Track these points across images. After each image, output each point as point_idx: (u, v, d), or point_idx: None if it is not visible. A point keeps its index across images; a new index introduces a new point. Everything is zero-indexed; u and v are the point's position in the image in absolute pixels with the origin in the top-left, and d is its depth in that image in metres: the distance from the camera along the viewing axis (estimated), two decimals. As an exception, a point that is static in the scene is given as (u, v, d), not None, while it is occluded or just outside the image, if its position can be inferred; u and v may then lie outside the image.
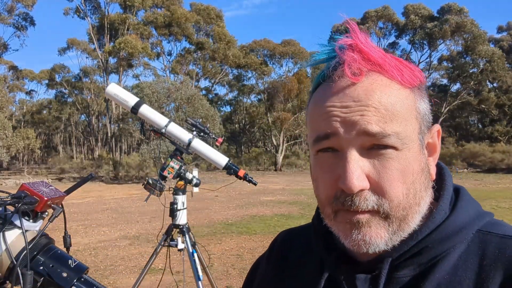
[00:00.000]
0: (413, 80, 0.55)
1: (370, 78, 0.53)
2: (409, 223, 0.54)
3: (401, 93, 0.53)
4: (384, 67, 0.54)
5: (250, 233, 7.67)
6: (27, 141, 25.05)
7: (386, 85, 0.53)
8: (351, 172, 0.51)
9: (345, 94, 0.53)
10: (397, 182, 0.52)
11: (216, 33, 33.14)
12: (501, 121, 34.86)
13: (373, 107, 0.51)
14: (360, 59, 0.53)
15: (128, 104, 2.88)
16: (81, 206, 12.02)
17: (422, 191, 0.55)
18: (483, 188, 15.57)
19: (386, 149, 0.52)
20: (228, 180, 3.41)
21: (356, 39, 0.54)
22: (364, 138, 0.52)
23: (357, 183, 0.51)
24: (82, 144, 56.78)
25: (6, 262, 0.65)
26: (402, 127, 0.52)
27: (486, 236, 0.56)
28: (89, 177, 0.87)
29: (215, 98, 43.73)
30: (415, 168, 0.53)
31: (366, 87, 0.52)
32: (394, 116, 0.52)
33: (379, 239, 0.53)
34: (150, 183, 2.84)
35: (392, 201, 0.52)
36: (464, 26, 30.79)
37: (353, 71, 0.53)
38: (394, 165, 0.52)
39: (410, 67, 0.56)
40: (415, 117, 0.54)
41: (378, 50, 0.55)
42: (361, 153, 0.52)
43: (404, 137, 0.52)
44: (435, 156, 0.59)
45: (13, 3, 32.28)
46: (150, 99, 20.39)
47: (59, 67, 44.07)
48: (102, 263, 5.74)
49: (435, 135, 0.59)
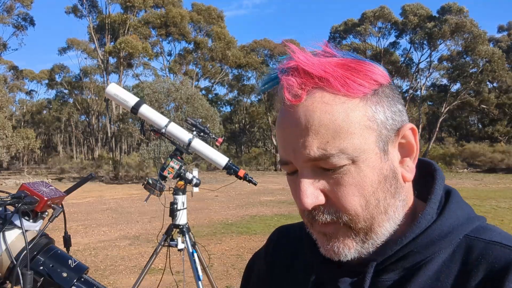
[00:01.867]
0: (364, 87, 0.53)
1: (312, 96, 0.52)
2: (377, 232, 0.55)
3: (346, 106, 0.52)
4: (329, 80, 0.52)
5: (250, 233, 7.67)
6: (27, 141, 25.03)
7: (327, 102, 0.52)
8: (302, 192, 0.53)
9: (289, 119, 0.54)
10: (351, 196, 0.53)
11: (215, 33, 33.15)
12: (501, 121, 34.86)
13: (312, 130, 0.51)
14: (300, 78, 0.53)
15: (128, 104, 2.88)
16: (81, 206, 12.02)
17: (388, 198, 0.54)
18: (483, 188, 15.57)
19: (338, 168, 0.52)
20: (228, 180, 3.41)
21: (296, 58, 0.53)
22: (310, 163, 0.53)
23: (308, 201, 0.53)
24: (82, 144, 56.78)
25: (6, 262, 0.65)
26: (348, 141, 0.51)
27: (473, 242, 0.55)
28: (89, 177, 0.87)
29: (215, 98, 43.74)
30: (374, 178, 0.53)
31: (306, 107, 0.52)
32: (336, 133, 0.51)
33: (347, 249, 0.55)
34: (150, 183, 2.84)
35: (350, 214, 0.53)
36: (463, 26, 30.79)
37: (292, 94, 0.52)
38: (347, 180, 0.52)
39: (364, 73, 0.53)
40: (367, 127, 0.52)
41: (322, 63, 0.53)
42: (315, 173, 0.54)
43: (352, 150, 0.51)
44: (414, 155, 0.57)
45: (12, 3, 32.29)
46: (150, 99, 20.40)
47: (58, 67, 44.07)
48: (102, 263, 5.74)
49: (408, 134, 0.56)
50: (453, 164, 27.19)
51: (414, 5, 34.14)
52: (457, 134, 41.63)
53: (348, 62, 0.54)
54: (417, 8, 33.90)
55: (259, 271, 0.76)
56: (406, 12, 34.20)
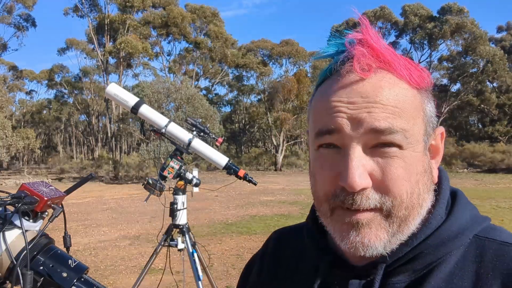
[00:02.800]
0: (421, 81, 0.54)
1: (378, 74, 0.52)
2: (409, 225, 0.53)
3: (409, 92, 0.53)
4: (393, 65, 0.53)
5: (250, 233, 7.66)
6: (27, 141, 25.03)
7: (394, 83, 0.52)
8: (353, 170, 0.49)
9: (353, 90, 0.51)
10: (401, 180, 0.51)
11: (212, 32, 33.13)
12: (501, 121, 34.84)
13: (381, 104, 0.50)
14: (369, 55, 0.52)
15: (128, 104, 2.88)
16: (81, 206, 12.01)
17: (425, 192, 0.54)
18: (483, 188, 15.56)
19: (391, 148, 0.50)
20: (228, 180, 3.41)
21: (367, 35, 0.53)
22: (371, 135, 0.50)
23: (359, 181, 0.49)
24: (82, 144, 56.78)
25: (6, 262, 0.65)
26: (410, 125, 0.51)
27: (484, 242, 0.54)
28: (89, 177, 0.87)
29: (215, 98, 43.73)
30: (419, 168, 0.52)
31: (374, 83, 0.51)
32: (402, 113, 0.51)
33: (378, 241, 0.51)
34: (150, 183, 2.84)
35: (396, 199, 0.51)
36: (464, 26, 30.77)
37: (362, 67, 0.51)
38: (398, 163, 0.51)
39: (419, 69, 0.55)
40: (422, 118, 0.53)
41: (388, 48, 0.53)
42: (364, 151, 0.51)
43: (410, 135, 0.51)
44: (438, 159, 0.58)
45: (13, 3, 32.28)
46: (150, 99, 20.40)
47: (57, 67, 44.03)
48: (102, 263, 5.74)
49: (439, 137, 0.58)
50: (453, 164, 27.17)
51: (415, 5, 34.13)
52: (457, 134, 41.60)
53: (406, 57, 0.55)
54: (417, 8, 33.89)
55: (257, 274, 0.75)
56: (407, 12, 34.19)
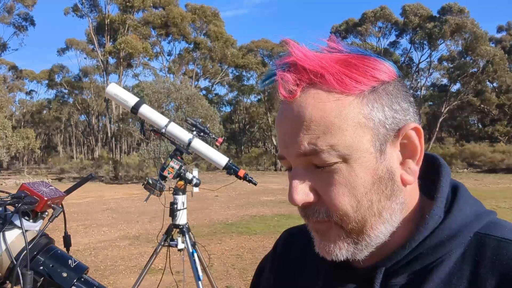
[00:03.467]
0: (361, 84, 0.51)
1: (306, 93, 0.52)
2: (369, 234, 0.53)
3: (339, 103, 0.50)
4: (323, 76, 0.51)
5: (250, 233, 7.67)
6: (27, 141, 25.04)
7: (320, 98, 0.51)
8: (292, 188, 0.53)
9: (284, 115, 0.54)
10: (341, 195, 0.51)
11: (212, 32, 33.11)
12: (501, 121, 34.84)
13: (304, 126, 0.51)
14: (296, 74, 0.52)
15: (128, 104, 2.88)
16: (81, 206, 12.02)
17: (383, 200, 0.52)
18: (483, 188, 15.57)
19: (326, 166, 0.51)
20: (228, 180, 3.41)
21: (293, 53, 0.52)
22: (302, 158, 0.52)
23: (298, 198, 0.53)
24: (82, 144, 56.77)
25: (6, 262, 0.65)
26: (339, 138, 0.50)
27: (484, 239, 0.53)
28: (89, 177, 0.87)
29: (215, 98, 43.72)
30: (367, 179, 0.51)
31: (299, 104, 0.52)
32: (327, 129, 0.50)
33: (338, 249, 0.54)
34: (150, 183, 2.84)
35: (340, 214, 0.52)
36: (464, 26, 30.77)
37: (287, 90, 0.52)
38: (337, 179, 0.51)
39: (363, 69, 0.52)
40: (361, 125, 0.51)
41: (320, 59, 0.52)
42: (308, 169, 0.53)
43: (343, 148, 0.50)
44: (417, 157, 0.54)
45: (13, 3, 32.29)
46: (150, 99, 20.40)
47: (57, 67, 44.03)
48: (102, 263, 5.74)
49: (411, 134, 0.53)
50: (453, 164, 27.17)
51: (415, 5, 34.14)
52: (457, 134, 41.62)
53: (350, 58, 0.53)
54: (417, 8, 33.90)
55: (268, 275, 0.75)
56: (407, 12, 34.19)
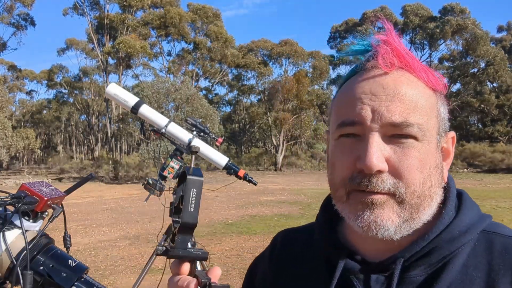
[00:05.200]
0: (437, 84, 0.59)
1: (400, 72, 0.57)
2: (420, 215, 0.56)
3: (426, 91, 0.58)
4: (413, 66, 0.58)
5: (250, 233, 7.67)
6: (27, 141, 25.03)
7: (413, 81, 0.57)
8: (371, 152, 0.54)
9: (376, 81, 0.57)
10: (415, 170, 0.55)
11: (212, 32, 33.09)
12: (501, 121, 34.82)
13: (398, 98, 0.55)
14: (392, 54, 0.57)
15: (128, 104, 2.87)
16: (81, 206, 12.01)
17: (436, 186, 0.57)
18: (483, 188, 15.56)
19: (407, 139, 0.55)
20: (228, 180, 3.40)
21: (390, 37, 0.58)
22: (389, 127, 0.55)
23: (376, 163, 0.53)
24: (82, 144, 56.76)
25: (6, 262, 0.65)
26: (424, 120, 0.56)
27: (491, 236, 0.59)
28: (89, 177, 0.87)
29: (215, 98, 43.71)
30: (432, 162, 0.56)
31: (395, 78, 0.57)
32: (418, 108, 0.55)
33: (390, 222, 0.55)
34: (150, 183, 2.84)
35: (409, 187, 0.55)
36: (465, 26, 30.76)
37: (385, 63, 0.57)
38: (414, 153, 0.55)
39: (435, 74, 0.60)
40: (436, 117, 0.58)
41: (408, 51, 0.59)
42: (383, 139, 0.55)
43: (425, 129, 0.55)
44: (448, 162, 0.62)
45: (13, 3, 32.28)
46: (150, 99, 20.39)
47: (57, 67, 44.01)
48: (102, 263, 5.74)
49: (450, 141, 0.62)
50: (453, 164, 27.17)
51: (415, 5, 34.14)
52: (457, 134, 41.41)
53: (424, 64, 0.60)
54: (418, 9, 33.89)
55: (264, 275, 0.74)
56: (407, 12, 34.19)
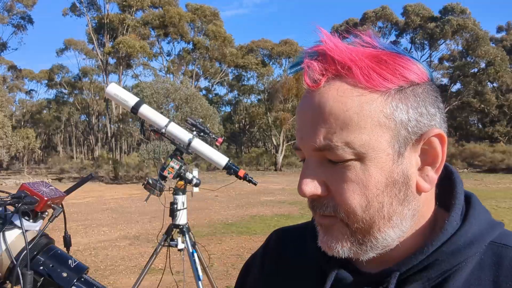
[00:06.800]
0: (388, 82, 0.50)
1: (330, 84, 0.50)
2: (376, 237, 0.52)
3: (362, 99, 0.49)
4: (350, 69, 0.50)
5: (250, 233, 7.67)
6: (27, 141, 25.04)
7: (343, 91, 0.49)
8: (302, 179, 0.53)
9: (306, 103, 0.53)
10: (351, 193, 0.50)
11: (211, 31, 33.10)
12: (501, 121, 34.82)
13: (322, 118, 0.50)
14: (323, 64, 0.51)
15: (128, 104, 2.88)
16: (81, 206, 12.01)
17: (395, 205, 0.51)
18: (483, 188, 15.56)
19: (343, 161, 0.50)
20: (228, 180, 3.41)
21: (324, 42, 0.51)
22: (317, 152, 0.51)
23: (307, 189, 0.52)
24: (82, 144, 56.75)
25: (6, 262, 0.65)
26: (356, 135, 0.49)
27: (500, 249, 0.53)
28: (89, 177, 0.87)
29: (215, 98, 43.70)
30: (380, 180, 0.50)
31: (322, 94, 0.50)
32: (345, 124, 0.49)
33: (341, 247, 0.53)
34: (150, 183, 2.84)
35: (347, 212, 0.51)
36: (466, 26, 30.78)
37: (311, 78, 0.51)
38: (350, 176, 0.50)
39: (394, 67, 0.50)
40: (381, 124, 0.49)
41: (350, 52, 0.51)
42: (321, 163, 0.52)
43: (359, 146, 0.49)
44: (437, 165, 0.53)
45: (12, 3, 32.28)
46: (149, 99, 20.39)
47: (57, 67, 44.03)
48: (102, 263, 5.74)
49: (434, 140, 0.52)
50: (453, 164, 27.17)
51: (416, 5, 34.13)
52: (457, 134, 41.60)
53: (382, 54, 0.51)
54: (419, 9, 33.90)
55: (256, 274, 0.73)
56: (408, 12, 34.20)
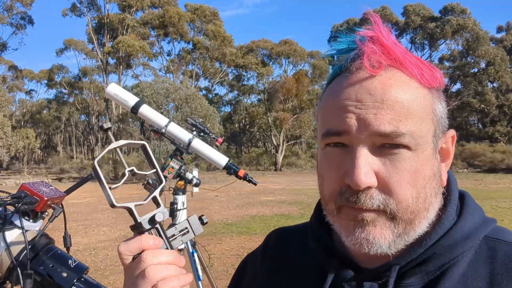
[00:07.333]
0: (432, 81, 0.53)
1: (389, 72, 0.51)
2: (415, 228, 0.52)
3: (419, 92, 0.51)
4: (404, 63, 0.52)
5: (250, 233, 7.66)
6: (27, 141, 25.03)
7: (404, 82, 0.51)
8: (359, 168, 0.49)
9: (362, 86, 0.51)
10: (406, 184, 0.50)
11: (210, 31, 33.09)
12: (501, 121, 34.81)
13: (387, 104, 0.49)
14: (380, 52, 0.51)
15: (128, 104, 2.87)
16: (81, 206, 12.01)
17: (432, 196, 0.53)
18: (483, 188, 15.55)
19: (399, 149, 0.50)
20: (228, 180, 3.40)
21: (378, 32, 0.52)
22: (377, 137, 0.50)
23: (364, 179, 0.49)
24: (82, 144, 56.74)
25: (6, 262, 0.65)
26: (417, 126, 0.50)
27: (494, 243, 0.54)
28: (89, 177, 0.87)
29: (215, 98, 43.69)
30: (427, 172, 0.51)
31: (383, 81, 0.50)
32: (409, 114, 0.50)
33: (383, 239, 0.51)
34: (150, 183, 2.84)
35: (400, 203, 0.50)
36: (466, 26, 30.77)
37: (372, 64, 0.51)
38: (405, 166, 0.50)
39: (430, 68, 0.54)
40: (431, 119, 0.52)
41: (399, 46, 0.53)
42: (372, 151, 0.50)
43: (418, 137, 0.50)
44: (448, 163, 0.57)
45: (12, 3, 32.28)
46: (149, 99, 20.38)
47: (57, 67, 44.04)
48: (102, 263, 5.74)
49: (449, 140, 0.57)
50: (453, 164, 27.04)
51: (417, 5, 34.13)
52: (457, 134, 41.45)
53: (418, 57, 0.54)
54: (419, 9, 33.90)
55: (255, 273, 0.72)
56: (409, 12, 34.19)
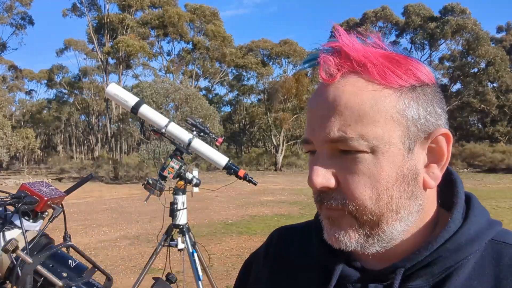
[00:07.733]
0: (401, 80, 0.52)
1: (345, 79, 0.52)
2: (384, 230, 0.53)
3: (377, 94, 0.51)
4: (366, 66, 0.52)
5: (250, 233, 7.67)
6: (27, 141, 25.04)
7: (359, 86, 0.51)
8: (313, 171, 0.53)
9: (320, 96, 0.54)
10: (362, 186, 0.51)
11: (210, 31, 33.08)
12: (501, 121, 34.81)
13: (338, 110, 0.51)
14: (338, 59, 0.53)
15: (128, 104, 2.88)
16: (81, 206, 12.01)
17: (403, 198, 0.53)
18: (483, 188, 15.56)
19: (352, 154, 0.51)
20: (228, 180, 3.40)
21: (340, 40, 0.53)
22: (330, 144, 0.52)
23: (317, 181, 0.52)
24: (82, 144, 56.74)
25: (6, 262, 0.65)
26: (370, 128, 0.50)
27: (500, 246, 0.55)
28: (89, 177, 0.87)
29: (215, 98, 43.69)
30: (391, 174, 0.51)
31: (337, 87, 0.52)
32: (359, 118, 0.50)
33: (347, 238, 0.54)
34: (150, 183, 2.84)
35: (358, 205, 0.52)
36: (466, 26, 30.78)
37: (327, 73, 0.53)
38: (361, 168, 0.51)
39: (406, 67, 0.53)
40: (394, 119, 0.51)
41: (365, 50, 0.53)
42: (332, 156, 0.53)
43: (373, 139, 0.50)
44: (443, 163, 0.56)
45: (12, 3, 32.28)
46: (149, 99, 20.38)
47: (57, 67, 44.02)
48: (102, 263, 5.74)
49: (440, 139, 0.55)
50: (453, 164, 27.17)
51: (417, 5, 34.12)
52: (457, 134, 41.58)
53: (394, 55, 0.53)
54: (420, 9, 33.89)
55: (258, 273, 0.73)
56: (409, 12, 34.18)
